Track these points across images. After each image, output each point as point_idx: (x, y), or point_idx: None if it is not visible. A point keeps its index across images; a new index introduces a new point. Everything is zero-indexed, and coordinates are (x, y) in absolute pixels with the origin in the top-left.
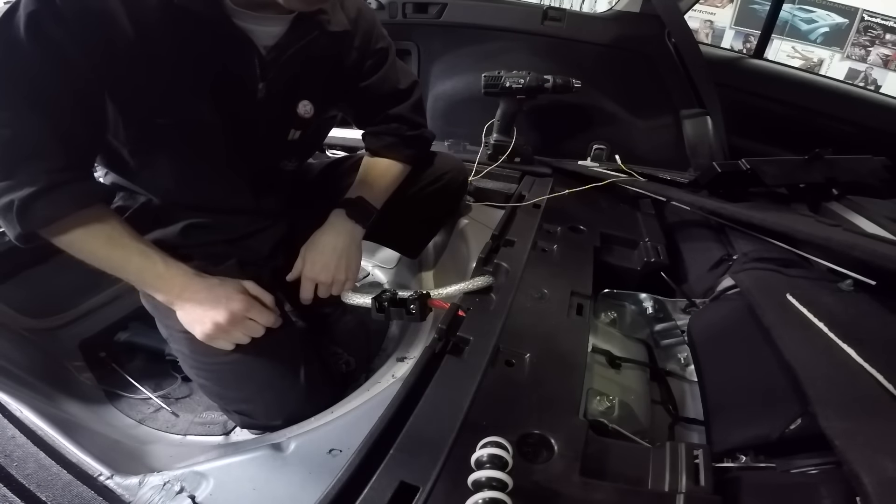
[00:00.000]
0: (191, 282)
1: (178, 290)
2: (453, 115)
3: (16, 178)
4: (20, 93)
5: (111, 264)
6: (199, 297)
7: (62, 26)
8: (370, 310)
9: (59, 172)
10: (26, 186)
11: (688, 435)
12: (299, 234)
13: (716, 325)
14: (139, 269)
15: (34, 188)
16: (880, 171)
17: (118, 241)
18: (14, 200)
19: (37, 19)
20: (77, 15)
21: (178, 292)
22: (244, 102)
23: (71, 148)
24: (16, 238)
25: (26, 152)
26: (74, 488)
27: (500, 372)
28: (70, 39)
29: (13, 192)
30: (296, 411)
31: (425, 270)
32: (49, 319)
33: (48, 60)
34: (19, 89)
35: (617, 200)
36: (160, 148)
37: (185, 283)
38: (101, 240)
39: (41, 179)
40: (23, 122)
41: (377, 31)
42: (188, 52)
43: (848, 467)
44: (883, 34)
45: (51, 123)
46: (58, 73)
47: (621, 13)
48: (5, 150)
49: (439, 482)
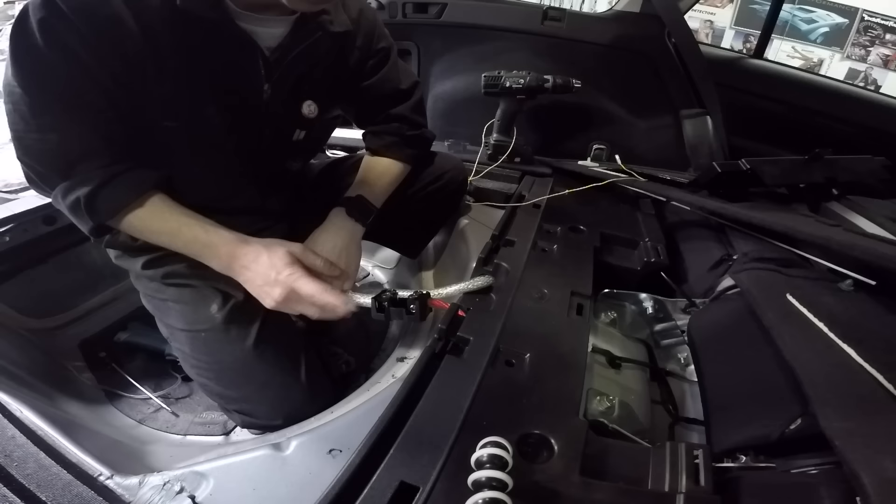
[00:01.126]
0: (236, 249)
1: (226, 260)
2: (453, 115)
3: (73, 178)
4: (55, 97)
5: (167, 240)
6: (250, 269)
7: (74, 31)
8: (370, 310)
9: (109, 167)
10: (85, 184)
11: (688, 435)
12: (300, 233)
13: (716, 325)
14: (186, 242)
15: (93, 184)
16: (880, 171)
17: (168, 217)
18: (80, 197)
19: (48, 25)
20: (85, 20)
21: (228, 262)
22: (249, 104)
23: (114, 144)
24: (89, 231)
25: (77, 153)
26: (74, 488)
27: (500, 372)
28: (82, 43)
29: (76, 190)
30: (296, 411)
31: (425, 270)
32: (49, 319)
33: (70, 64)
34: (53, 94)
35: (617, 200)
36: (168, 149)
37: (230, 252)
38: (156, 217)
39: (97, 175)
40: (65, 125)
41: (379, 31)
42: (193, 55)
43: (848, 467)
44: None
45: (91, 123)
46: (82, 76)
47: (621, 13)
48: (58, 153)
49: (439, 482)
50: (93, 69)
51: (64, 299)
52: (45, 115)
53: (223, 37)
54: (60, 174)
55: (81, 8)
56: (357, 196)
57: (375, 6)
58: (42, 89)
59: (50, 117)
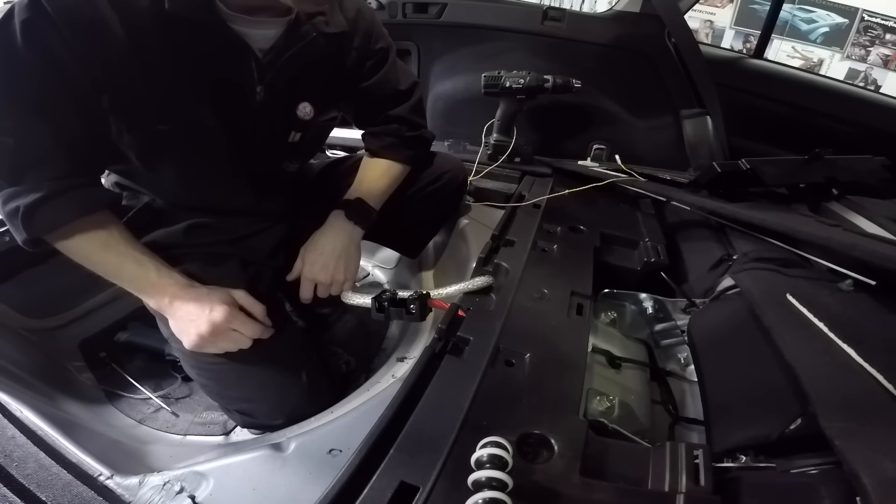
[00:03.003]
0: (181, 291)
1: (168, 299)
2: (453, 115)
3: (21, 185)
4: (21, 101)
5: (106, 270)
6: (187, 307)
7: (56, 34)
8: (370, 310)
9: (62, 179)
10: (31, 193)
11: (688, 435)
12: (300, 235)
13: (716, 325)
14: (132, 277)
15: (38, 195)
16: (880, 171)
17: (115, 248)
18: (20, 206)
19: (31, 27)
20: (70, 22)
21: (169, 301)
22: (243, 106)
23: (75, 154)
24: (22, 242)
25: (30, 160)
26: (74, 488)
27: (500, 372)
28: (65, 47)
29: (19, 198)
30: (297, 410)
31: (425, 270)
32: (49, 319)
33: (46, 68)
34: (20, 97)
35: (617, 200)
36: (163, 152)
37: (175, 293)
38: (98, 245)
39: (45, 186)
40: (25, 130)
41: (377, 31)
42: (184, 57)
43: (848, 467)
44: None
45: (53, 131)
46: (57, 81)
47: (621, 13)
48: (10, 158)
49: (439, 482)
50: (72, 74)
51: (64, 299)
52: (6, 119)
53: (214, 39)
54: (8, 179)
55: (67, 10)
56: (356, 199)
57: (375, 6)
58: (9, 92)
59: (12, 121)
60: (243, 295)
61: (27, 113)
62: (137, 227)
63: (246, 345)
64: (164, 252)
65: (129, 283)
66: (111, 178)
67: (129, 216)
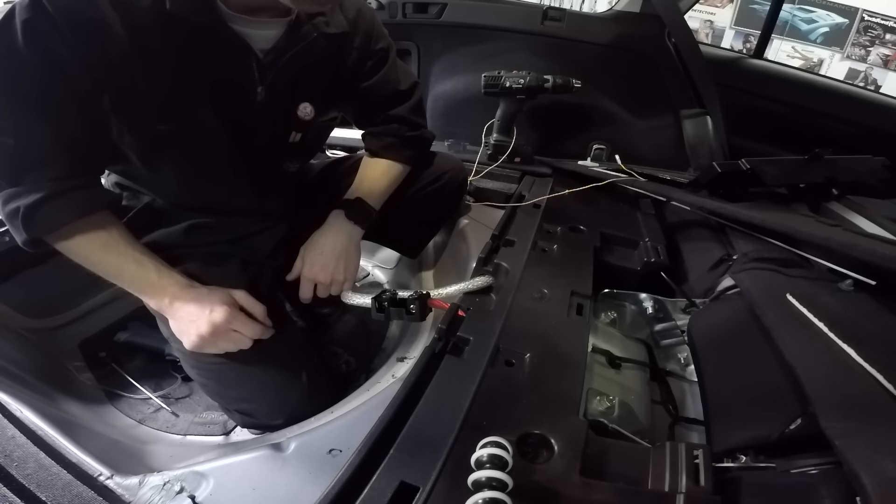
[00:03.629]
0: (181, 292)
1: (168, 300)
2: (453, 115)
3: (22, 186)
4: (22, 101)
5: (107, 270)
6: (187, 307)
7: (57, 34)
8: (370, 310)
9: (62, 180)
10: (31, 194)
11: (688, 435)
12: (300, 235)
13: (716, 325)
14: (133, 278)
15: (38, 196)
16: (880, 171)
17: (115, 248)
18: (20, 207)
19: (32, 27)
20: (71, 22)
21: (169, 302)
22: (244, 106)
23: (75, 155)
24: (22, 243)
25: (31, 160)
26: (74, 488)
27: (500, 372)
28: (66, 47)
29: (19, 198)
30: (297, 410)
31: (425, 270)
32: (49, 319)
33: (47, 68)
34: (21, 98)
35: (617, 200)
36: (164, 153)
37: (175, 293)
38: (98, 246)
39: (45, 187)
40: (26, 130)
41: (377, 31)
42: (184, 58)
43: (848, 467)
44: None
45: (53, 131)
46: (58, 81)
47: (621, 13)
48: (10, 158)
49: (439, 482)
50: (73, 74)
51: (64, 299)
52: (6, 119)
53: (215, 39)
54: (9, 179)
55: (68, 10)
56: (356, 199)
57: (375, 6)
58: (10, 92)
59: (12, 121)
60: (243, 295)
61: (28, 113)
62: (138, 227)
63: (246, 345)
64: (165, 252)
65: (129, 283)
66: (111, 179)
67: (129, 216)
